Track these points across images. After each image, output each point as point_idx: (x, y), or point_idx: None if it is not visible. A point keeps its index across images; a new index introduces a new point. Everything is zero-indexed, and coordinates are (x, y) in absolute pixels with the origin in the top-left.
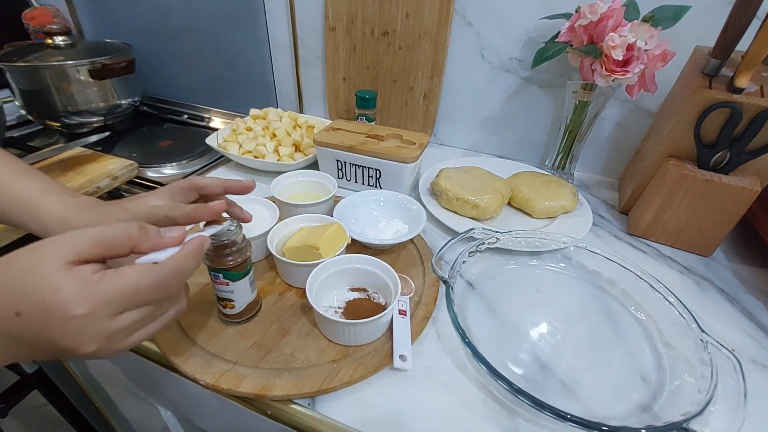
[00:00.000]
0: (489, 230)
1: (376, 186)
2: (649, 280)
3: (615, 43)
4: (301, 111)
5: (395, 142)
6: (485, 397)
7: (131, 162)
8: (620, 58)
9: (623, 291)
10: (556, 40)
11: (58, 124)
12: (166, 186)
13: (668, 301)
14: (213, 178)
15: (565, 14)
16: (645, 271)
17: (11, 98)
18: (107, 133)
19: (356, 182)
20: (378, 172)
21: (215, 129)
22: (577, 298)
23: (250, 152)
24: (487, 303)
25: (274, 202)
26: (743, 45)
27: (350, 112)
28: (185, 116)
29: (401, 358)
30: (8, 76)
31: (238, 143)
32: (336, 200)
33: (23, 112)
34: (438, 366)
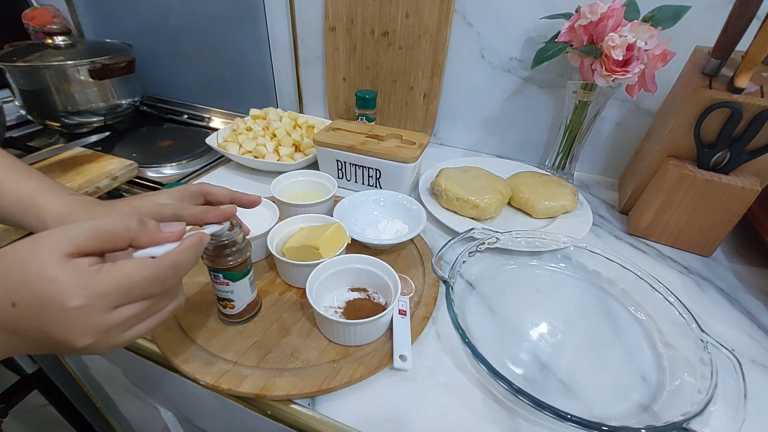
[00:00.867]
0: (489, 230)
1: (376, 186)
2: (649, 280)
3: (615, 43)
4: (301, 111)
5: (395, 142)
6: (485, 397)
7: (131, 162)
8: (620, 58)
9: (623, 291)
10: (556, 40)
11: (58, 124)
12: (175, 188)
13: (668, 301)
14: (221, 187)
15: (565, 14)
16: (645, 271)
17: (11, 98)
18: (107, 133)
19: (356, 182)
20: (378, 172)
21: (215, 129)
22: (577, 298)
23: (250, 152)
24: (487, 303)
25: (274, 202)
26: (743, 45)
27: (350, 112)
28: (185, 116)
29: (401, 358)
30: (8, 76)
31: (238, 143)
32: (336, 200)
33: (23, 112)
34: (438, 366)
